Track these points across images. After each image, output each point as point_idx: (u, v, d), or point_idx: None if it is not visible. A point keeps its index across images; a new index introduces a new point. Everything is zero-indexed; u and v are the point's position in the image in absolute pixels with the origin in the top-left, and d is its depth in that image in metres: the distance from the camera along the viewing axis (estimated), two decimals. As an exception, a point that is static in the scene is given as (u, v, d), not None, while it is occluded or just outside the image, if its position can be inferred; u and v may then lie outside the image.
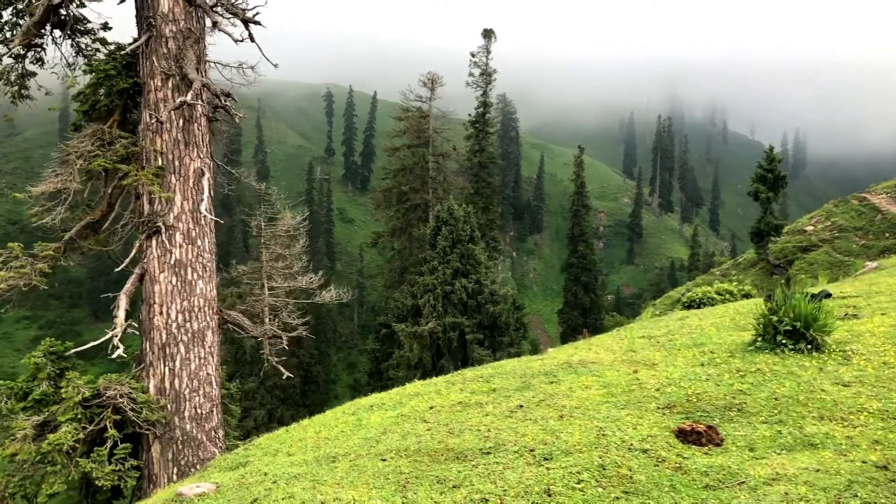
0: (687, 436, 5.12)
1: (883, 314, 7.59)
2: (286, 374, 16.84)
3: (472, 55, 65.06)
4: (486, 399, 6.59)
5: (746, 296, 14.48)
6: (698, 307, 13.29)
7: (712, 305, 12.84)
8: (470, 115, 65.38)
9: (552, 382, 6.86)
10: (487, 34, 65.39)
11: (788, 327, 6.78)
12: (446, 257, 46.13)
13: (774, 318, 6.94)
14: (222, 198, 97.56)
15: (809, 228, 52.72)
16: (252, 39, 15.00)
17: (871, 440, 4.81)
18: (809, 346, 6.77)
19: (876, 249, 45.50)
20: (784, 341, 6.89)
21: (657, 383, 6.34)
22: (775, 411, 5.40)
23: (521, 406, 6.16)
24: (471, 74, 65.12)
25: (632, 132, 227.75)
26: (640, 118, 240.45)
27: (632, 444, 4.99)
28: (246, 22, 14.84)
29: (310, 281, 18.91)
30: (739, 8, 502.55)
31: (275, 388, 57.51)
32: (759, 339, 7.14)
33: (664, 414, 5.61)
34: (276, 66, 15.24)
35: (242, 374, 54.64)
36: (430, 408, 6.55)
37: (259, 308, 17.72)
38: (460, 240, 46.62)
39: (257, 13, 14.84)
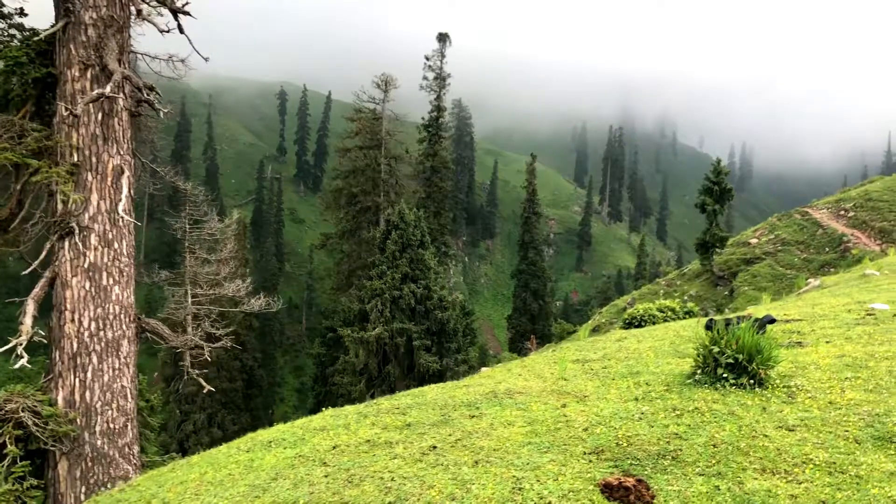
0: (613, 491, 4.53)
1: (828, 342, 7.17)
2: (207, 387, 15.85)
3: (427, 59, 64.56)
4: (397, 437, 5.91)
5: (689, 313, 14.14)
6: (639, 325, 12.88)
7: (654, 324, 12.44)
8: (423, 118, 64.84)
9: (473, 417, 6.23)
10: (442, 38, 64.95)
11: (730, 360, 6.29)
12: (395, 262, 45.44)
13: (715, 350, 6.45)
14: (170, 196, 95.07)
15: (753, 241, 53.47)
16: (181, 30, 14.08)
17: (817, 500, 4.29)
18: (752, 381, 6.27)
19: (816, 263, 46.29)
20: (725, 375, 6.38)
21: (586, 421, 5.75)
22: (713, 461, 4.86)
23: (435, 447, 5.51)
24: (425, 78, 64.64)
25: (584, 141, 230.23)
26: (593, 128, 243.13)
27: (550, 502, 4.38)
28: (175, 12, 13.92)
29: (237, 288, 17.89)
30: (691, 25, 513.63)
31: (216, 392, 56.00)
32: (699, 371, 6.63)
33: (591, 461, 5.01)
34: (206, 59, 14.34)
35: (183, 376, 52.99)
36: (334, 447, 5.84)
37: (181, 316, 16.71)
38: (410, 244, 45.99)
39: (186, 2, 13.93)
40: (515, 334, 77.22)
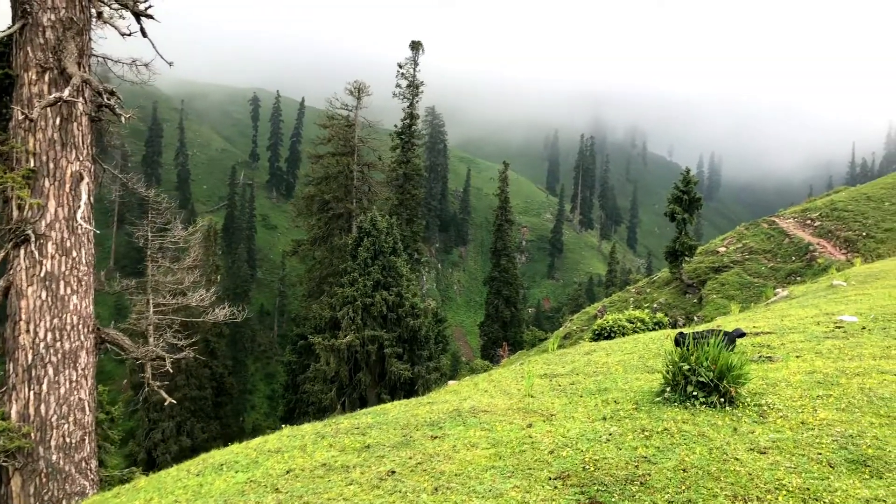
0: (579, 520, 4.34)
1: (798, 357, 7.06)
2: (169, 399, 15.40)
3: (400, 66, 64.43)
4: (355, 460, 5.63)
5: (658, 324, 14.05)
6: (608, 337, 12.75)
7: (623, 335, 12.32)
8: (396, 125, 64.69)
9: (436, 438, 5.98)
10: (415, 46, 64.86)
11: (701, 378, 6.13)
12: (367, 269, 45.09)
13: (685, 367, 6.28)
14: (140, 202, 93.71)
15: (722, 249, 53.92)
16: (144, 34, 13.72)
17: (790, 531, 4.13)
18: (722, 400, 6.09)
19: (783, 272, 46.79)
20: (695, 393, 6.21)
21: (552, 443, 5.54)
22: (683, 486, 4.65)
23: (393, 472, 5.25)
24: (398, 86, 64.46)
25: (556, 150, 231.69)
26: (565, 137, 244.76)
27: (512, 534, 4.18)
28: (137, 15, 13.56)
29: (202, 297, 17.38)
30: (661, 37, 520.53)
31: (185, 400, 55.20)
32: (668, 388, 6.45)
33: (556, 487, 4.79)
34: (170, 63, 13.97)
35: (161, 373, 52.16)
36: (288, 471, 5.56)
37: (143, 326, 16.23)
38: (382, 251, 45.69)
39: (149, 6, 13.58)
40: (488, 341, 77.21)
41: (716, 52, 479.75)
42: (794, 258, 47.88)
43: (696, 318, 46.42)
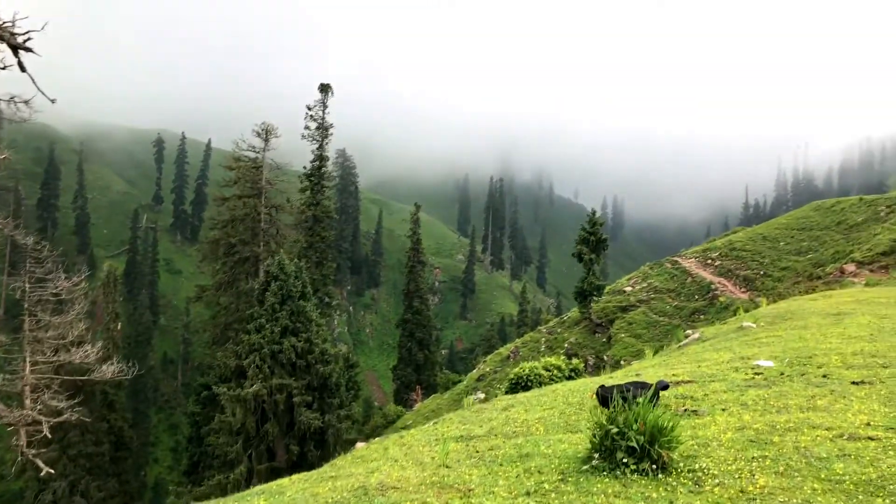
0: None
1: (724, 409, 6.77)
2: (46, 469, 13.92)
3: (309, 109, 63.82)
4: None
5: (574, 371, 13.78)
6: (525, 387, 12.34)
7: (540, 385, 11.93)
8: (306, 167, 63.83)
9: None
10: (324, 88, 64.53)
11: (631, 443, 5.69)
12: (275, 314, 43.58)
13: (614, 430, 5.82)
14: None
15: (628, 289, 55.16)
16: (22, 69, 12.60)
17: None
18: (654, 467, 5.65)
19: (688, 310, 48.12)
20: (626, 460, 5.74)
21: (472, 527, 4.97)
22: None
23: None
24: (307, 128, 63.76)
25: (466, 192, 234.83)
26: (475, 178, 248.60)
27: None
28: (14, 48, 12.47)
29: (85, 354, 15.84)
30: (566, 82, 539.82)
31: (79, 457, 51.66)
32: (596, 455, 5.97)
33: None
34: (53, 101, 12.85)
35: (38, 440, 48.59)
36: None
37: (18, 387, 14.66)
38: (291, 296, 44.32)
39: (29, 38, 12.51)
40: (401, 385, 76.07)
41: (618, 95, 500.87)
42: (697, 297, 49.36)
43: (606, 357, 47.04)
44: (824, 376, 7.79)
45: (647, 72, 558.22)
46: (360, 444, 9.60)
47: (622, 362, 43.40)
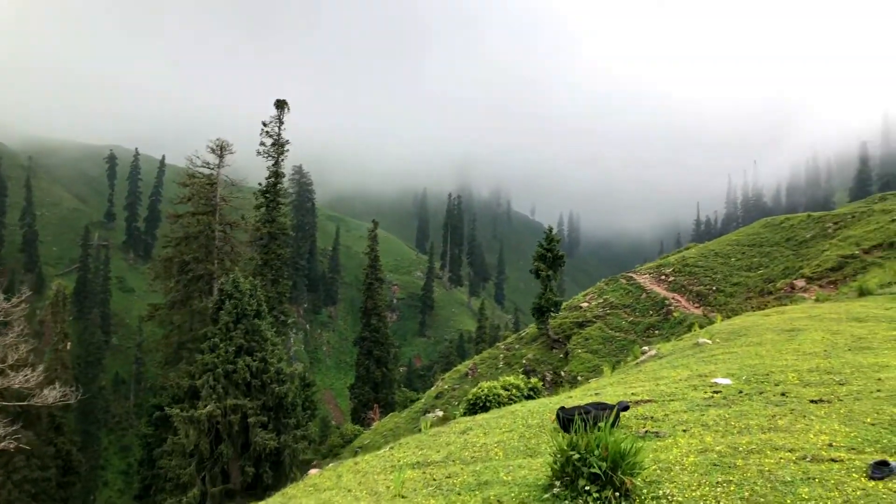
0: None
1: (685, 431, 6.71)
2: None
3: (265, 125, 63.21)
4: None
5: (533, 390, 13.68)
6: (484, 408, 12.19)
7: (499, 405, 11.80)
8: (261, 184, 63.12)
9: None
10: (280, 104, 64.02)
11: (593, 469, 5.56)
12: (229, 333, 42.83)
13: (575, 456, 5.70)
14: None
15: (585, 305, 55.55)
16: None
17: None
18: (617, 494, 5.50)
19: (642, 325, 48.63)
20: (588, 487, 5.58)
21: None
22: None
23: None
24: (262, 144, 63.12)
25: (425, 208, 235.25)
26: (433, 195, 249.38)
27: None
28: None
29: (25, 378, 15.03)
30: (520, 99, 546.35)
31: (24, 482, 49.93)
32: (557, 482, 5.84)
33: None
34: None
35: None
36: None
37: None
38: (246, 314, 43.63)
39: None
40: (358, 404, 75.38)
41: (572, 112, 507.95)
42: (651, 312, 49.92)
43: (563, 373, 47.21)
44: (783, 394, 7.81)
45: (600, 90, 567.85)
46: (313, 471, 9.32)
47: (579, 378, 43.59)
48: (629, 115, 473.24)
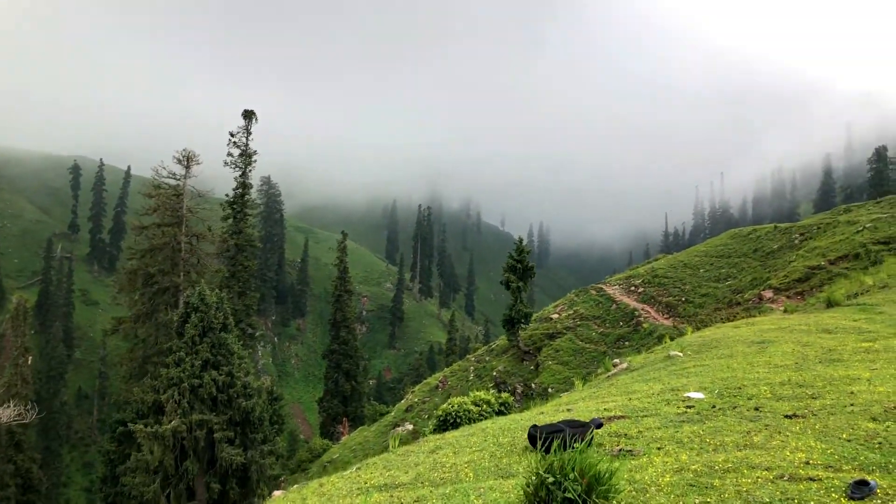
0: None
1: (660, 448, 6.53)
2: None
3: (232, 135, 62.63)
4: None
5: (504, 405, 13.46)
6: (455, 424, 11.93)
7: (470, 421, 11.57)
8: (228, 195, 62.44)
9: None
10: (248, 115, 63.50)
11: (568, 494, 5.34)
12: (195, 347, 42.08)
13: (549, 480, 5.47)
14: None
15: (555, 316, 55.61)
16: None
17: None
18: (593, 520, 5.35)
19: (613, 337, 48.76)
20: (563, 513, 5.41)
21: None
22: None
23: None
24: (230, 154, 62.52)
25: (395, 220, 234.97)
26: (403, 206, 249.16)
27: None
28: None
29: None
30: (488, 110, 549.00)
31: (-19, 503, 48.71)
32: (532, 508, 5.61)
33: None
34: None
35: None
36: None
37: None
38: (212, 328, 42.92)
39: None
40: (327, 417, 74.63)
41: (540, 123, 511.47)
42: (621, 323, 50.09)
43: (534, 384, 47.11)
44: (756, 409, 7.69)
45: (568, 101, 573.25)
46: (277, 493, 9.01)
47: (550, 390, 43.51)
48: (596, 128, 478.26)
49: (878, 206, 51.32)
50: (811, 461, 5.37)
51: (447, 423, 12.23)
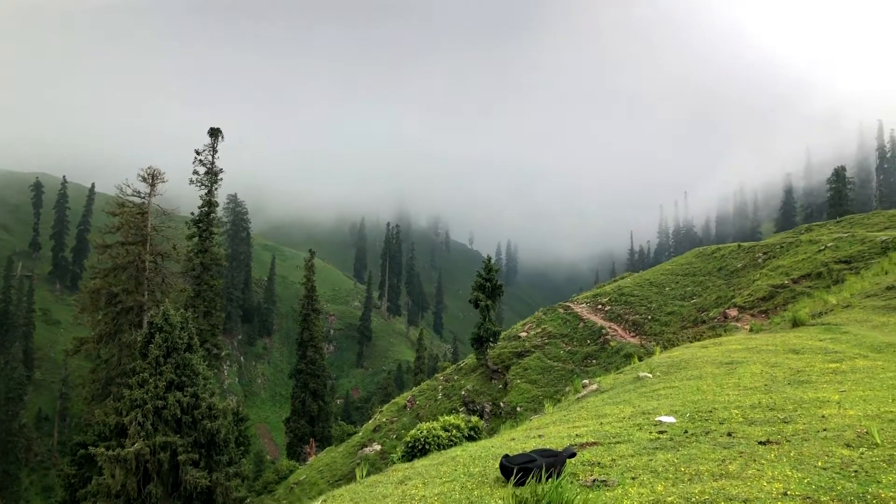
0: None
1: (634, 478, 6.43)
2: None
3: (198, 153, 62.04)
4: None
5: (474, 429, 13.30)
6: (423, 451, 11.73)
7: (439, 447, 11.38)
8: (194, 213, 61.70)
9: None
10: (214, 133, 63.02)
11: (546, 533, 5.23)
12: (159, 368, 41.31)
13: (525, 515, 5.40)
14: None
15: (523, 334, 55.64)
16: None
17: None
18: (569, 558, 5.25)
19: (580, 355, 48.86)
20: (541, 551, 5.31)
21: None
22: None
23: None
24: (195, 172, 61.89)
25: (363, 238, 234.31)
26: (371, 224, 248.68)
27: None
28: None
29: None
30: (458, 130, 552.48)
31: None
32: (509, 545, 5.49)
33: None
34: None
35: None
36: None
37: None
38: (176, 348, 42.20)
39: None
40: (294, 438, 73.62)
41: (507, 144, 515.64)
42: (589, 341, 50.25)
43: (502, 403, 47.00)
44: (729, 434, 7.66)
45: (534, 122, 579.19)
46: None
47: (518, 408, 43.43)
48: (563, 148, 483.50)
49: (838, 225, 52.37)
50: (789, 492, 5.32)
51: (416, 450, 12.04)
